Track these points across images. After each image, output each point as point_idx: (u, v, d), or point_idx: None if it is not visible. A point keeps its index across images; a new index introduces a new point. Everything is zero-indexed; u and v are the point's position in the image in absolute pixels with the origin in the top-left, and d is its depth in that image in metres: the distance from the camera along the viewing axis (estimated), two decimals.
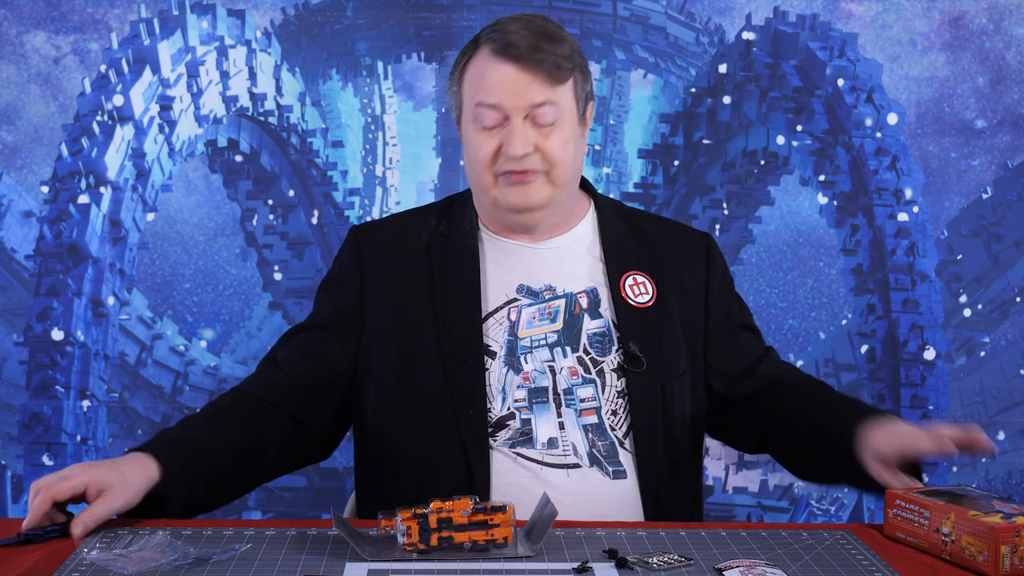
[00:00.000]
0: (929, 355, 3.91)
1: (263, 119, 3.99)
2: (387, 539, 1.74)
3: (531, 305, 2.03)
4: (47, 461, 3.81)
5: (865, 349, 3.96)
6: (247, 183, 4.00)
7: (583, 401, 2.00)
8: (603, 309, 2.04)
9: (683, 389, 2.06)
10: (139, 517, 1.83)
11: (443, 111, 4.03)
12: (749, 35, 3.96)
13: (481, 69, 1.97)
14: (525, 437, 1.97)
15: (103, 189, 3.86)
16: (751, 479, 4.02)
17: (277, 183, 4.02)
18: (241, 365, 3.99)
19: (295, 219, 4.02)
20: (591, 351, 2.02)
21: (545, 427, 1.98)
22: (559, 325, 2.02)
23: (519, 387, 1.99)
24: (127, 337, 3.93)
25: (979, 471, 3.97)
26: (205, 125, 3.94)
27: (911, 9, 3.94)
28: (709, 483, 3.98)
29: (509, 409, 1.98)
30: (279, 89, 4.00)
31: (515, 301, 2.04)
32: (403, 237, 2.10)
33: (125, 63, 3.87)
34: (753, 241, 4.03)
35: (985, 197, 3.97)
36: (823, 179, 3.95)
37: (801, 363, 4.00)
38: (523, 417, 1.98)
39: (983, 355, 3.99)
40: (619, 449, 1.97)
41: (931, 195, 3.96)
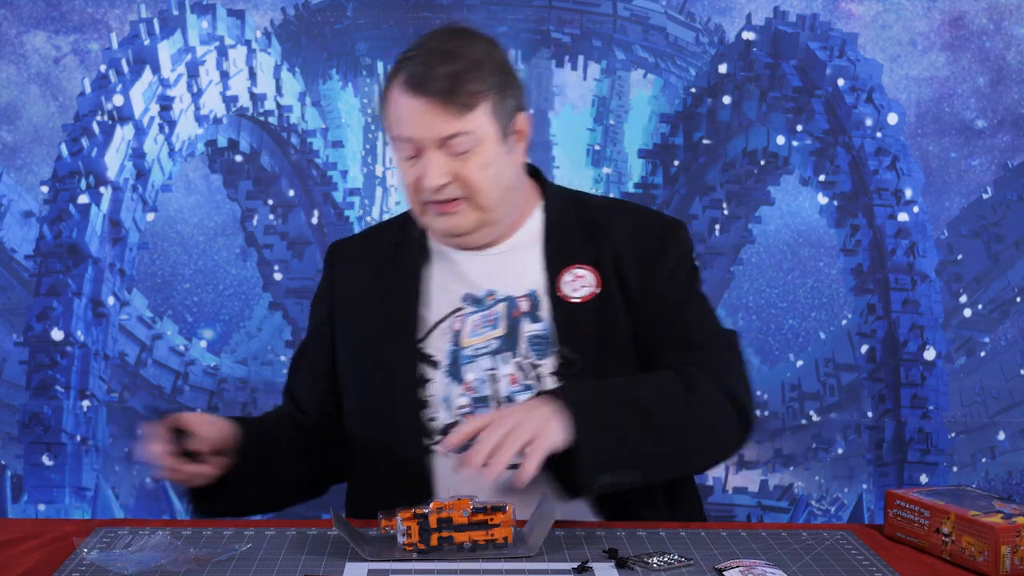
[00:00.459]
0: (929, 355, 3.91)
1: (263, 119, 3.99)
2: (387, 539, 1.74)
3: (474, 313, 2.01)
4: (47, 461, 3.81)
5: (865, 349, 3.96)
6: (247, 183, 4.00)
7: None
8: (543, 310, 1.99)
9: None
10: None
11: None
12: (749, 35, 3.96)
13: (394, 100, 1.92)
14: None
15: (103, 189, 3.86)
16: (751, 479, 4.02)
17: (277, 183, 4.02)
18: (241, 365, 3.99)
19: (295, 219, 4.02)
20: (530, 355, 1.98)
21: None
22: (501, 331, 1.99)
23: (462, 396, 1.98)
24: (127, 337, 3.93)
25: (979, 471, 3.97)
26: (205, 125, 3.94)
27: (911, 9, 3.94)
28: (709, 483, 3.98)
29: (454, 417, 1.98)
30: (279, 89, 3.99)
31: (459, 310, 2.01)
32: (368, 250, 2.12)
33: (125, 63, 3.87)
34: (753, 241, 4.03)
35: (985, 197, 3.97)
36: (823, 179, 3.95)
37: (801, 363, 4.00)
38: None
39: (983, 355, 3.99)
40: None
41: (931, 195, 3.96)
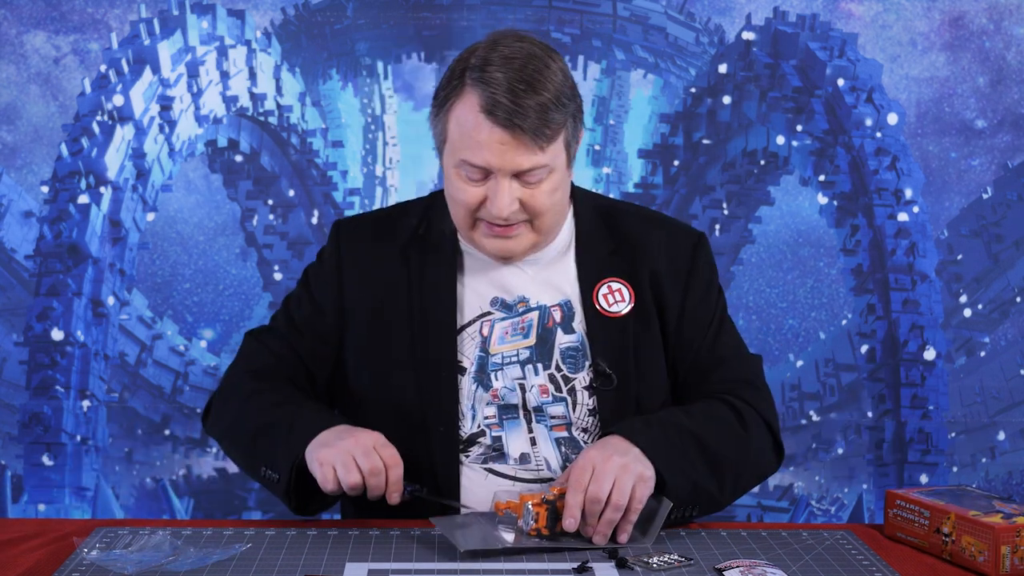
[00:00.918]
0: (929, 355, 3.91)
1: (263, 119, 3.99)
2: (481, 524, 1.75)
3: (504, 319, 1.97)
4: (47, 461, 3.81)
5: (865, 349, 3.96)
6: (247, 183, 4.00)
7: (554, 418, 1.95)
8: (576, 322, 1.96)
9: (664, 399, 2.00)
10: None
11: None
12: (749, 35, 3.96)
13: (467, 122, 1.83)
14: (497, 453, 1.94)
15: (103, 189, 3.86)
16: None
17: (277, 183, 4.02)
18: None
19: (295, 219, 4.02)
20: (563, 367, 1.95)
21: (516, 443, 1.94)
22: (532, 340, 1.96)
23: (488, 404, 1.94)
24: (127, 337, 3.93)
25: (979, 471, 3.97)
26: (205, 125, 3.94)
27: (911, 9, 3.94)
28: None
29: (479, 426, 1.95)
30: (279, 89, 3.99)
31: (488, 315, 1.97)
32: (384, 236, 2.03)
33: (125, 63, 3.87)
34: (753, 241, 4.03)
35: (985, 197, 3.97)
36: (823, 179, 3.95)
37: (801, 363, 4.00)
38: (493, 434, 1.95)
39: (983, 355, 3.99)
40: None
41: (931, 195, 3.96)
